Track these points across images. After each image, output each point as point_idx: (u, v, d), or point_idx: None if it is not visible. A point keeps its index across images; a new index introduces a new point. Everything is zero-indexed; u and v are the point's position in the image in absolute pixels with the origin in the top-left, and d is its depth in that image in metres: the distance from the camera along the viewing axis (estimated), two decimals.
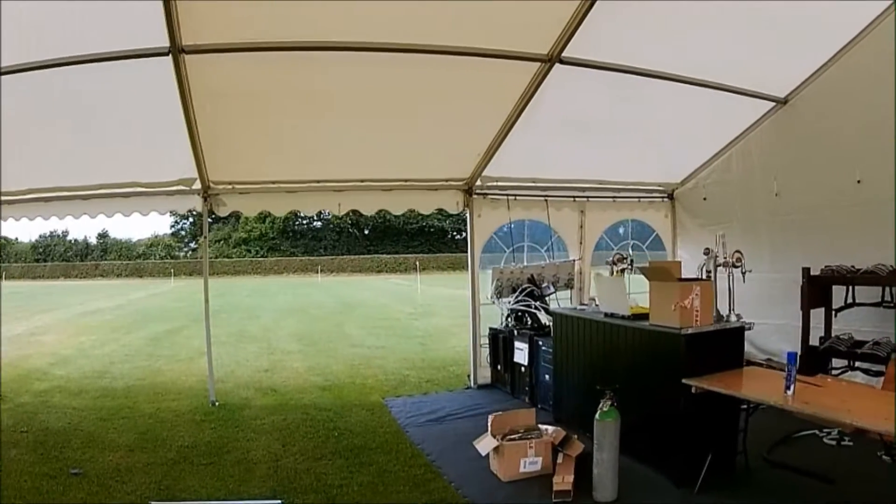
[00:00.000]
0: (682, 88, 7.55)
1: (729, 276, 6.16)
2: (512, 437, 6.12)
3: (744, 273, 6.12)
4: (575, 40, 6.38)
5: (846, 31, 7.22)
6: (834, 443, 6.45)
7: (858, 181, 7.62)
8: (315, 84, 6.80)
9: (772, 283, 6.48)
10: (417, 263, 56.31)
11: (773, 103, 8.50)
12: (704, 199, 10.37)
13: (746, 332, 6.08)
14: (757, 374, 5.96)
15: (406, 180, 9.11)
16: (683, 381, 5.37)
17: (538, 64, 6.79)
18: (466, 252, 9.70)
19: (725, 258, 6.17)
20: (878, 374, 6.82)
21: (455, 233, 69.07)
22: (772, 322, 6.36)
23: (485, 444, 6.15)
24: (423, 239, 71.81)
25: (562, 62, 6.73)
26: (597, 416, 5.50)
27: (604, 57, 6.88)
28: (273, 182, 8.79)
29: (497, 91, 7.32)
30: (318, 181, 8.87)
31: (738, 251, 6.16)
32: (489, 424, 6.27)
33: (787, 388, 4.81)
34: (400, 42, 6.16)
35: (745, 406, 5.68)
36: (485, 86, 7.15)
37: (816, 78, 7.91)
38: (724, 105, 8.17)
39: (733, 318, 5.96)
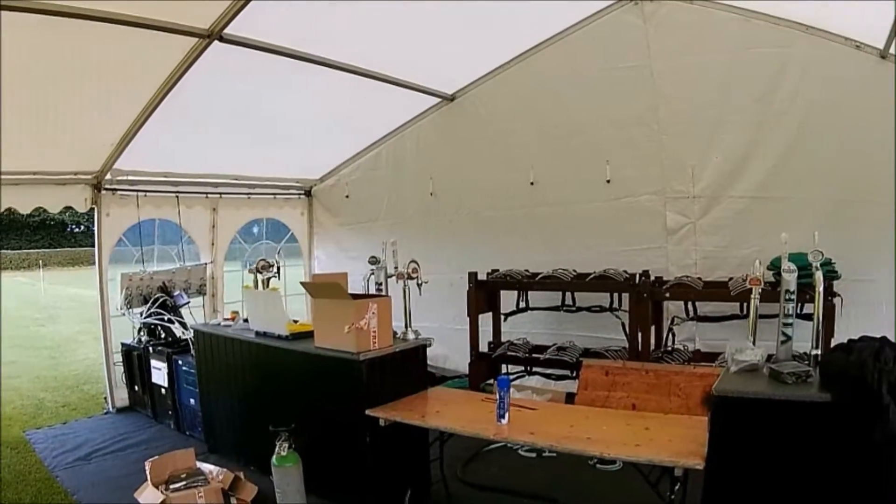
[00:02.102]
0: (340, 77, 7.15)
1: (404, 289, 5.67)
2: (176, 484, 5.20)
3: (419, 284, 5.70)
4: (241, 16, 5.59)
5: (530, 36, 7.33)
6: (534, 455, 6.13)
7: (532, 183, 7.75)
8: None
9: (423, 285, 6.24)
10: (41, 261, 51.22)
11: (439, 99, 8.37)
12: (347, 196, 10.13)
13: None
14: (446, 397, 5.59)
15: (35, 174, 7.54)
16: (368, 412, 4.79)
17: (195, 40, 5.84)
18: (87, 247, 8.38)
19: (398, 269, 5.72)
20: (560, 377, 6.95)
21: (74, 226, 64.10)
22: (425, 325, 6.14)
23: (148, 497, 5.15)
24: (45, 233, 65.30)
25: (222, 40, 5.86)
26: (274, 460, 4.90)
27: (267, 38, 6.19)
28: None
29: (141, 70, 6.23)
30: None
31: (414, 261, 5.71)
32: (147, 472, 5.28)
33: (501, 416, 4.36)
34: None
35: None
36: (127, 63, 6.02)
37: (492, 77, 7.96)
38: (382, 98, 7.92)
39: (411, 336, 5.46)
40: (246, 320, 6.44)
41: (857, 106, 6.17)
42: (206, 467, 5.53)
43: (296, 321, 5.99)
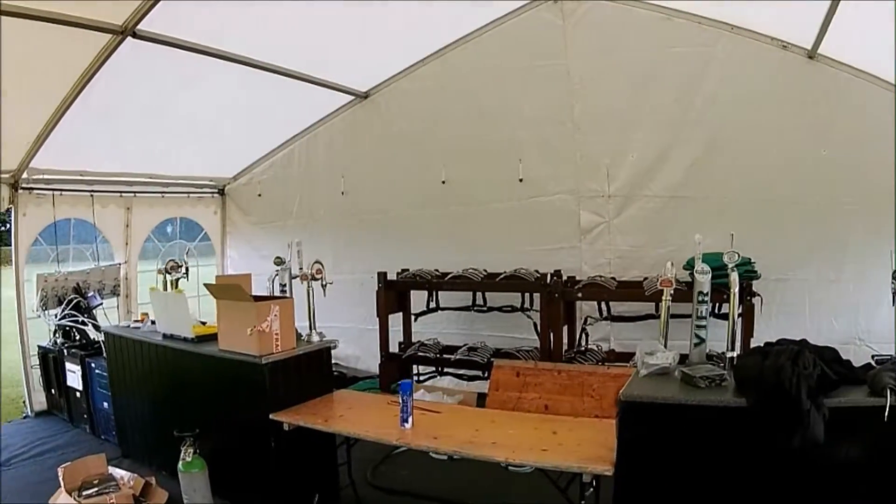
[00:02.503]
0: (254, 75, 7.10)
1: (308, 290, 5.58)
2: (88, 490, 5.13)
3: (324, 286, 5.61)
4: (155, 12, 5.51)
5: (446, 33, 7.33)
6: (445, 457, 6.03)
7: (444, 182, 7.75)
8: None
9: (334, 285, 6.11)
10: None
11: (353, 97, 8.34)
12: (259, 195, 9.98)
13: None
14: (351, 400, 5.47)
15: None
16: (272, 416, 4.72)
17: (109, 36, 5.75)
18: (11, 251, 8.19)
19: (303, 269, 5.63)
20: (472, 378, 6.94)
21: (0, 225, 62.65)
22: (336, 326, 6.10)
23: None
24: None
25: (135, 36, 5.77)
26: (180, 466, 4.84)
27: (182, 35, 6.12)
28: None
29: (55, 66, 6.14)
30: None
31: (318, 262, 5.62)
32: (61, 478, 5.23)
33: (404, 420, 4.36)
34: None
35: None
36: (41, 59, 5.93)
37: (407, 75, 7.94)
38: (296, 96, 7.89)
39: (316, 338, 5.39)
40: (154, 322, 6.32)
41: (783, 106, 6.29)
42: (118, 473, 5.47)
43: (203, 323, 5.91)
